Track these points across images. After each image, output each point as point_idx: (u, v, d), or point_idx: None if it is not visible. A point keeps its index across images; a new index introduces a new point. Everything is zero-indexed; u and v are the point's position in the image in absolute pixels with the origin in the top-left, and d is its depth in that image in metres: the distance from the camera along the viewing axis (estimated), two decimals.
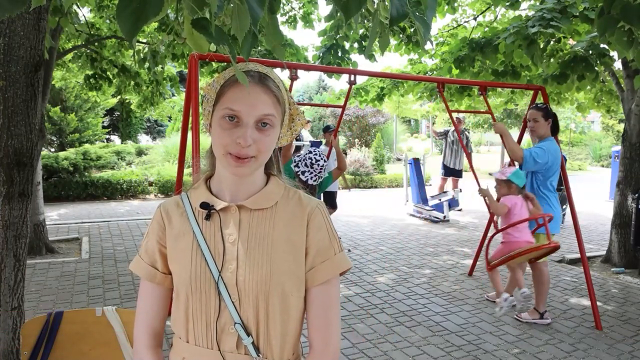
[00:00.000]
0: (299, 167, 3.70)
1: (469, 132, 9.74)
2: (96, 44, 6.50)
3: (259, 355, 1.05)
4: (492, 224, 4.26)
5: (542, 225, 3.73)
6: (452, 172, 9.28)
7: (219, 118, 1.04)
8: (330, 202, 6.48)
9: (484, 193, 3.97)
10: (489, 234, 4.19)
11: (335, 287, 1.12)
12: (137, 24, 0.79)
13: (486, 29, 6.14)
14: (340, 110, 4.32)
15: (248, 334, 1.05)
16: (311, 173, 3.67)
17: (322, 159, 3.71)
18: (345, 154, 11.53)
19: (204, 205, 1.09)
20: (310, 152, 3.73)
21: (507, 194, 3.82)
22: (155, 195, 10.51)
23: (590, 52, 4.48)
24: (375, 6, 1.27)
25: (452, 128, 9.39)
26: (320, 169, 3.69)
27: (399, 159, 16.32)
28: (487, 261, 3.89)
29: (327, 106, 8.01)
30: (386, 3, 1.24)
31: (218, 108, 1.05)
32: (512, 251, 3.65)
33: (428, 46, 6.41)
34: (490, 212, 4.20)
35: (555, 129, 3.94)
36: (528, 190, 3.90)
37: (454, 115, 9.56)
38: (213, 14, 0.92)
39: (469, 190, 10.56)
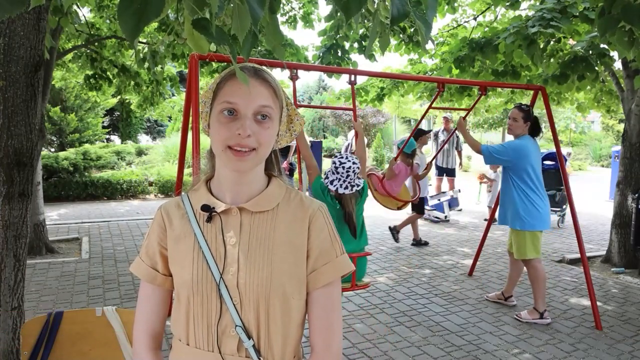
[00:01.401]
0: (327, 177, 3.07)
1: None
2: (96, 44, 6.50)
3: (260, 358, 1.05)
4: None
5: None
6: (445, 171, 9.28)
7: (217, 114, 1.04)
8: (419, 206, 6.49)
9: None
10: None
11: (336, 290, 1.12)
12: (139, 25, 0.79)
13: (486, 29, 6.14)
14: (345, 111, 4.31)
15: (249, 337, 1.05)
16: (339, 180, 3.01)
17: (349, 160, 3.02)
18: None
19: (205, 208, 1.08)
20: (336, 157, 3.13)
21: (400, 160, 4.89)
22: (155, 195, 10.51)
23: (590, 52, 4.47)
24: (376, 6, 1.27)
25: (441, 128, 9.41)
26: (348, 171, 2.98)
27: None
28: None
29: (337, 108, 8.01)
30: (386, 3, 1.24)
31: (216, 105, 1.05)
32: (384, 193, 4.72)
33: (429, 46, 6.41)
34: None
35: (534, 131, 4.03)
36: (503, 186, 4.08)
37: (444, 113, 9.60)
38: (214, 14, 0.92)
39: (467, 189, 10.59)
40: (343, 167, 3.00)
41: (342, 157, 3.07)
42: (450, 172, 9.31)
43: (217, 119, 1.04)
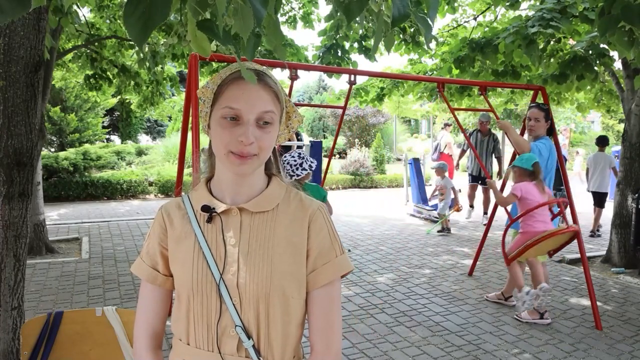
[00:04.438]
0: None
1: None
2: (96, 44, 6.49)
3: (259, 358, 1.05)
4: (508, 215, 4.01)
5: (558, 214, 3.72)
6: (480, 180, 7.90)
7: (218, 118, 1.03)
8: (599, 201, 7.30)
9: (489, 185, 4.06)
10: (504, 226, 4.09)
11: (336, 289, 1.12)
12: (146, 29, 0.78)
13: (486, 29, 6.15)
14: (341, 110, 4.30)
15: (249, 337, 1.05)
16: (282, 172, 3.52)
17: (288, 155, 3.59)
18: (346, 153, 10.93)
19: (205, 208, 1.08)
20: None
21: (518, 181, 3.75)
22: (155, 195, 10.51)
23: (590, 52, 4.48)
24: (378, 5, 1.27)
25: (474, 130, 8.24)
26: (283, 163, 3.48)
27: (399, 159, 16.35)
28: (504, 255, 3.76)
29: (328, 107, 8.00)
30: (389, 2, 1.24)
31: (217, 108, 1.04)
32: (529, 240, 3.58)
33: (432, 45, 6.40)
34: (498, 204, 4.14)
35: (551, 131, 3.99)
36: None
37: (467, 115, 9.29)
38: (221, 15, 0.92)
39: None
40: (281, 162, 3.37)
41: (284, 155, 3.58)
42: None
43: (218, 122, 1.03)
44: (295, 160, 3.56)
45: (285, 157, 3.61)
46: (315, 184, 3.67)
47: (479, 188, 8.04)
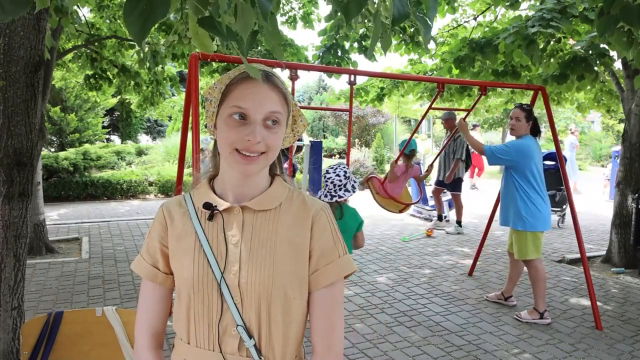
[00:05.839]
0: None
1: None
2: (96, 44, 6.49)
3: (260, 358, 1.05)
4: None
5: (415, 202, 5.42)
6: (443, 185, 7.42)
7: (225, 117, 1.04)
8: None
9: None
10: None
11: (339, 290, 1.11)
12: (146, 26, 0.79)
13: (486, 29, 6.14)
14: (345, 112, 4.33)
15: (250, 336, 1.05)
16: (323, 190, 3.24)
17: (332, 171, 3.20)
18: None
19: (207, 206, 1.08)
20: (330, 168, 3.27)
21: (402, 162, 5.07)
22: (155, 195, 10.50)
23: (590, 52, 4.48)
24: (376, 6, 1.27)
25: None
26: (327, 181, 3.18)
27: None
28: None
29: (332, 109, 7.89)
30: (387, 3, 1.24)
31: (224, 107, 1.04)
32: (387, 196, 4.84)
33: (430, 45, 6.40)
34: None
35: (535, 131, 4.01)
36: (504, 186, 4.08)
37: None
38: (223, 13, 0.92)
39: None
40: (324, 177, 3.25)
41: (327, 169, 3.25)
42: (454, 186, 7.26)
43: (225, 121, 1.04)
44: (340, 180, 3.17)
45: (328, 172, 3.21)
46: (354, 208, 3.30)
47: (446, 195, 7.49)
